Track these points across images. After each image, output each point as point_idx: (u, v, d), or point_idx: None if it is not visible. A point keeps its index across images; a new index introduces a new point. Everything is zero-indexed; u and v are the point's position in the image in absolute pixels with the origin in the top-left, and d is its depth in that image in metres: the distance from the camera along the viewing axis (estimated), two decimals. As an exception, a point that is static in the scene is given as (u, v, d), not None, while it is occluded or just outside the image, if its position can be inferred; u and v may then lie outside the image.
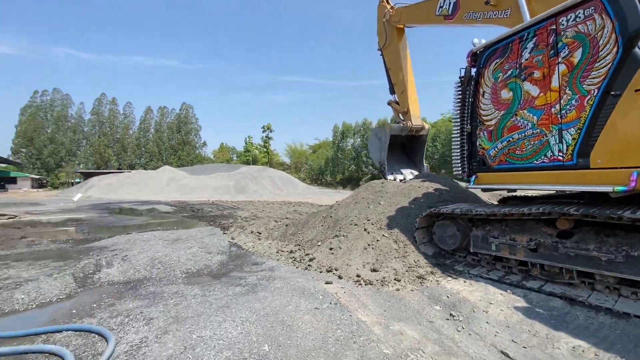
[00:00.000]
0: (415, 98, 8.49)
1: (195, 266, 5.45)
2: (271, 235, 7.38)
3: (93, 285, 4.68)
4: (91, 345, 2.95)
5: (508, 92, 4.18)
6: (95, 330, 3.14)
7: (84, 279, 4.86)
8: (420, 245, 5.06)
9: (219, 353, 2.74)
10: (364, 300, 3.76)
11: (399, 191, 6.40)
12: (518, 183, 4.16)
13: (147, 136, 64.42)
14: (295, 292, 4.02)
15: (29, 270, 5.15)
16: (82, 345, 2.96)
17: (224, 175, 40.70)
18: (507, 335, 2.97)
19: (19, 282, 4.51)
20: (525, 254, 3.92)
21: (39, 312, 3.83)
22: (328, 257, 5.14)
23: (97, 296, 4.24)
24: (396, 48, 8.55)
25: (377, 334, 3.03)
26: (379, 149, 8.62)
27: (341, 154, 45.90)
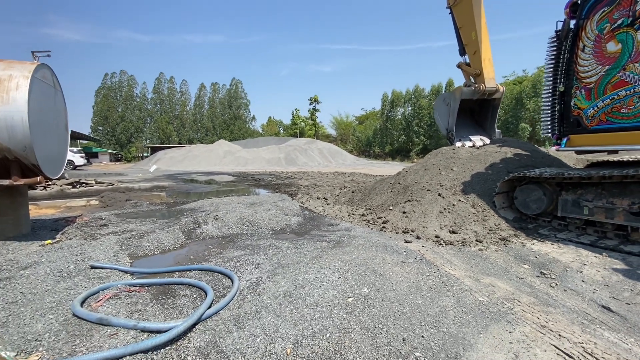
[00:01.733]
0: (489, 59, 7.93)
1: (278, 225, 6.04)
2: (338, 201, 7.76)
3: (197, 238, 5.46)
4: (218, 281, 3.57)
5: (616, 44, 3.81)
6: (220, 270, 3.77)
7: (188, 233, 5.68)
8: (499, 209, 5.03)
9: (326, 291, 3.17)
10: (448, 258, 3.95)
11: (473, 157, 6.28)
12: (622, 144, 3.88)
13: (202, 112, 68.23)
14: (377, 248, 4.34)
15: (144, 225, 6.15)
16: (211, 281, 3.59)
17: (275, 148, 42.20)
18: (607, 293, 2.99)
19: (141, 234, 5.44)
20: (625, 217, 3.75)
21: (164, 257, 4.65)
22: (402, 219, 5.35)
23: (204, 246, 4.98)
24: (469, 4, 7.93)
25: (469, 284, 3.24)
26: (447, 115, 8.34)
27: (390, 124, 44.47)
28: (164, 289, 3.45)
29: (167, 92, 66.39)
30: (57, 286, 3.37)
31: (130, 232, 5.55)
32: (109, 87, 61.60)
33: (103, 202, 8.27)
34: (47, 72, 5.27)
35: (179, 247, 5.04)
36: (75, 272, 3.76)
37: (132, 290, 3.32)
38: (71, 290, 3.29)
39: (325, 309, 2.85)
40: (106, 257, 4.31)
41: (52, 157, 5.44)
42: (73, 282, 3.48)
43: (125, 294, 3.24)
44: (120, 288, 3.33)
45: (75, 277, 3.63)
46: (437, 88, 40.35)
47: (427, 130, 40.28)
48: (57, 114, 5.69)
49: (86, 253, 4.40)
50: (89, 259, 4.17)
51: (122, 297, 3.16)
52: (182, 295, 3.27)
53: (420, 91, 42.05)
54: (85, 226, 6.12)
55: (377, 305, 2.90)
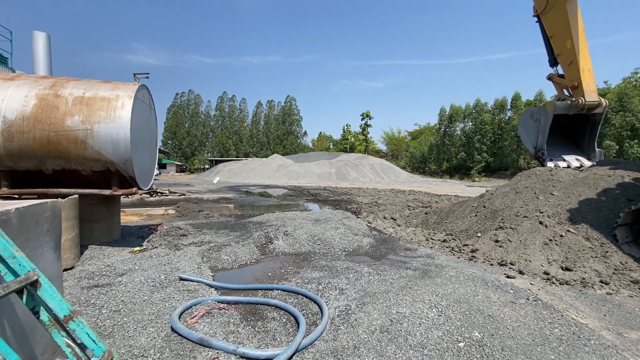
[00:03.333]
0: (589, 69, 7.00)
1: (350, 246, 5.79)
2: (410, 223, 7.30)
3: (270, 253, 5.43)
4: (304, 306, 3.39)
5: None
6: (305, 294, 3.60)
7: (262, 248, 5.69)
8: (622, 245, 4.21)
9: (429, 331, 2.79)
10: (570, 301, 3.33)
11: (578, 181, 5.44)
12: None
13: (258, 128, 72.08)
14: (475, 282, 3.84)
15: (219, 237, 6.32)
16: (297, 305, 3.42)
17: (326, 163, 42.64)
18: None
19: (218, 246, 5.57)
20: None
21: (243, 272, 4.64)
22: (495, 249, 4.76)
23: (279, 263, 4.90)
24: (562, 11, 7.15)
25: (611, 340, 2.63)
26: (536, 132, 7.47)
27: (448, 139, 42.34)
28: (251, 308, 3.37)
29: (228, 110, 71.56)
30: (152, 296, 3.47)
31: (208, 244, 5.72)
32: (178, 105, 68.30)
33: (179, 211, 8.81)
34: (145, 93, 5.78)
35: (255, 262, 5.03)
36: (166, 283, 3.87)
37: (222, 307, 3.29)
38: (166, 303, 3.35)
39: (435, 354, 2.49)
40: (191, 269, 4.42)
41: (145, 170, 5.89)
42: (166, 294, 3.57)
43: (216, 311, 3.20)
44: (211, 304, 3.31)
45: (167, 288, 3.72)
46: (501, 102, 37.67)
47: (490, 147, 37.53)
48: (151, 131, 6.19)
49: (173, 263, 4.56)
50: (176, 270, 4.30)
51: (214, 314, 3.12)
52: (270, 318, 3.14)
53: (482, 105, 39.58)
54: (166, 235, 6.48)
55: (497, 355, 2.47)
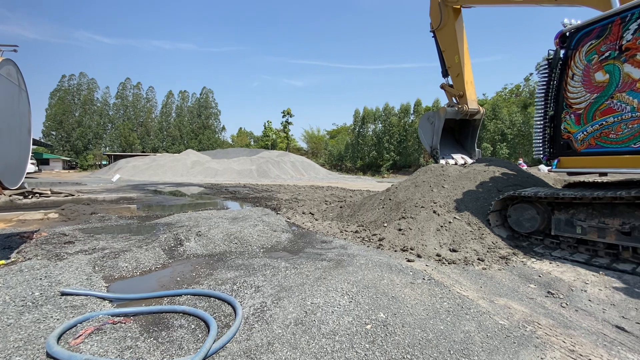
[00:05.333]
0: (471, 81, 8.33)
1: (269, 242, 5.71)
2: (327, 217, 7.58)
3: (180, 257, 4.99)
4: (217, 308, 3.22)
5: (604, 74, 4.10)
6: (217, 295, 3.40)
7: (170, 252, 5.19)
8: (494, 228, 5.13)
9: (341, 317, 2.94)
10: (456, 278, 3.90)
11: (462, 175, 6.42)
12: (610, 167, 4.13)
13: (168, 120, 65.57)
14: (382, 268, 4.19)
15: (117, 242, 5.53)
16: (208, 308, 3.22)
17: (246, 159, 41.37)
18: (616, 312, 3.05)
19: (115, 252, 4.87)
20: (616, 237, 3.94)
21: (146, 279, 4.16)
22: (398, 237, 5.27)
23: (191, 266, 4.54)
24: (452, 29, 8.35)
25: (485, 307, 3.17)
26: (432, 133, 8.57)
27: (362, 139, 45.47)
28: (155, 318, 3.03)
29: (132, 98, 63.26)
30: (21, 319, 2.84)
31: (102, 251, 4.95)
32: (65, 90, 57.49)
33: (64, 215, 7.42)
34: (12, 69, 4.68)
35: (161, 267, 4.56)
36: (42, 301, 3.22)
37: (117, 321, 2.88)
38: (40, 324, 2.78)
39: (345, 339, 2.63)
40: (77, 281, 3.76)
41: (12, 165, 4.77)
42: (41, 313, 2.96)
43: (109, 326, 2.78)
44: (103, 319, 2.86)
45: (43, 307, 3.09)
46: (406, 107, 42.10)
47: (396, 146, 41.63)
48: (21, 116, 5.04)
49: (52, 276, 3.81)
50: (57, 284, 3.61)
51: (106, 331, 2.71)
52: (177, 326, 2.88)
53: (390, 109, 43.60)
54: (46, 243, 5.39)
55: (398, 332, 2.73)
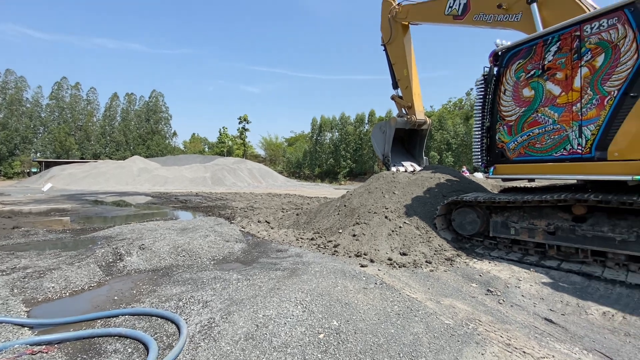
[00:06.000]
0: (418, 93, 8.85)
1: (220, 253, 5.45)
2: (283, 224, 7.46)
3: (120, 273, 4.56)
4: (158, 328, 2.96)
5: (530, 90, 4.59)
6: (159, 314, 3.13)
7: (108, 268, 4.72)
8: (440, 231, 5.42)
9: (293, 329, 2.87)
10: (406, 280, 4.03)
11: (411, 181, 6.74)
12: (537, 173, 4.61)
13: (112, 124, 60.65)
14: (336, 274, 4.19)
15: (43, 260, 4.90)
16: (149, 329, 2.96)
17: (200, 167, 39.58)
18: (544, 306, 3.36)
19: (40, 271, 4.31)
20: (543, 236, 4.38)
21: (77, 300, 3.72)
22: (353, 243, 5.35)
23: (131, 284, 4.17)
24: (401, 44, 8.83)
25: (432, 307, 3.30)
26: (383, 142, 8.91)
27: (319, 147, 46.03)
28: (85, 344, 2.71)
29: (70, 100, 57.53)
30: None
31: (24, 270, 4.35)
32: (-14, 88, 50.56)
33: (-24, 230, 6.40)
34: None
35: (96, 286, 4.11)
36: (-62, 334, 2.71)
37: (37, 351, 2.51)
38: None
39: (297, 350, 2.56)
40: (-12, 307, 3.24)
41: None
42: None
43: (27, 357, 2.42)
44: (19, 350, 2.48)
45: (-61, 342, 2.61)
46: (361, 117, 43.60)
47: (353, 154, 42.76)
48: None
49: (-45, 303, 3.25)
50: (-40, 312, 3.08)
51: (21, 363, 2.35)
52: (111, 351, 2.60)
53: (346, 118, 44.83)
54: (-51, 265, 4.59)
55: (351, 339, 2.72)
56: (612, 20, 3.77)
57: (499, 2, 6.05)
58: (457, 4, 6.95)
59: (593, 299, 3.44)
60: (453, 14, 7.07)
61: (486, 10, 6.36)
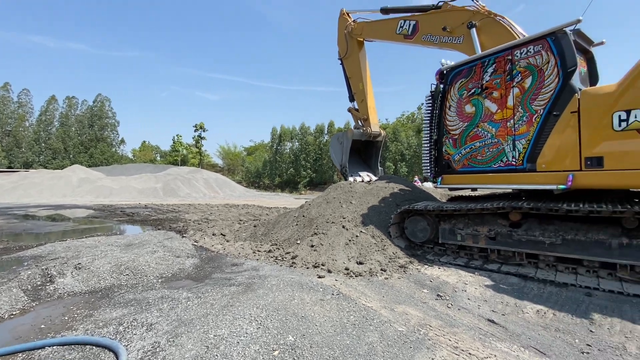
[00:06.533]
0: (373, 107, 9.20)
1: (169, 270, 5.11)
2: (239, 237, 7.21)
3: (50, 297, 4.07)
4: (94, 358, 2.67)
5: (471, 107, 5.00)
6: (95, 342, 2.82)
7: (35, 292, 4.19)
8: (394, 239, 5.61)
9: (247, 348, 2.75)
10: (362, 290, 4.08)
11: (367, 191, 6.93)
12: (479, 183, 4.99)
13: (49, 130, 54.92)
14: (293, 286, 4.12)
15: (-49, 286, 4.20)
16: (82, 359, 2.65)
17: (150, 177, 37.15)
18: (487, 307, 3.60)
19: (-55, 300, 3.69)
20: (485, 242, 4.72)
21: (-8, 331, 3.23)
22: (311, 253, 5.32)
23: (63, 309, 3.73)
24: (356, 59, 9.16)
25: (386, 315, 3.37)
26: (341, 153, 9.10)
27: (279, 157, 45.74)
28: (-3, 385, 2.34)
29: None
30: None
31: None
32: None
33: None
34: None
35: (20, 313, 3.63)
36: None
37: None
38: None
39: (250, 371, 2.45)
40: None
41: None
42: None
43: None
44: None
45: None
46: (320, 127, 44.25)
47: (313, 164, 43.08)
48: None
49: None
50: None
51: None
52: (32, 390, 2.27)
53: (306, 129, 45.20)
54: None
55: (306, 354, 2.67)
56: (537, 47, 4.27)
57: (443, 25, 6.56)
58: (407, 25, 7.40)
59: (528, 298, 3.75)
60: (404, 33, 7.51)
61: (433, 32, 6.84)
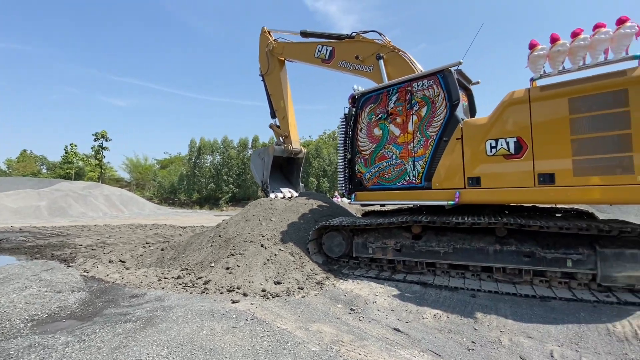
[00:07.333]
0: (294, 124, 9.38)
1: (45, 310, 4.19)
2: (143, 263, 6.38)
3: None
4: None
5: (379, 130, 5.49)
6: None
7: None
8: (312, 255, 5.67)
9: (140, 396, 2.40)
10: (278, 311, 3.97)
11: (287, 208, 6.91)
12: (386, 199, 5.45)
13: None
14: (203, 316, 3.79)
15: None
16: None
17: (31, 193, 30.82)
18: (394, 316, 3.86)
19: None
20: (392, 254, 5.13)
21: None
22: (226, 277, 5.01)
23: None
24: (277, 77, 9.29)
25: (300, 336, 3.33)
26: (262, 169, 8.97)
27: (198, 171, 42.86)
28: None
29: None
30: None
31: None
32: None
33: None
34: None
35: None
36: None
37: None
38: None
39: (141, 423, 2.11)
40: None
41: None
42: None
43: None
44: None
45: None
46: (244, 141, 43.20)
47: (235, 179, 41.53)
48: None
49: None
50: None
51: None
52: None
53: (229, 142, 43.58)
54: None
55: (212, 392, 2.44)
56: (430, 82, 4.97)
57: (356, 54, 7.15)
58: (325, 50, 7.85)
59: (427, 303, 4.16)
60: (322, 57, 7.94)
61: (347, 59, 7.40)
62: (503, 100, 4.38)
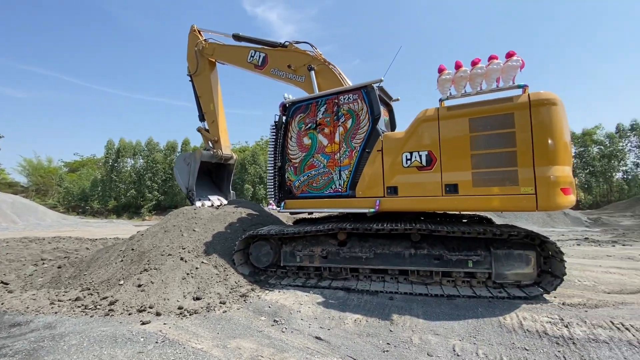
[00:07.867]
0: (225, 128, 8.99)
1: None
2: (33, 284, 5.38)
3: None
4: None
5: (308, 139, 5.58)
6: None
7: None
8: (238, 266, 5.44)
9: None
10: (194, 330, 3.69)
11: (213, 217, 6.53)
12: (315, 207, 5.53)
13: None
14: (103, 343, 3.33)
15: None
16: None
17: None
18: (317, 325, 3.88)
19: None
20: (319, 261, 5.20)
21: None
22: (137, 295, 4.50)
23: None
24: (207, 78, 8.84)
25: (217, 355, 3.14)
26: (187, 175, 8.36)
27: (116, 175, 38.32)
28: None
29: None
30: None
31: None
32: None
33: None
34: None
35: None
36: None
37: None
38: None
39: None
40: None
41: None
42: None
43: None
44: None
45: None
46: (172, 144, 40.10)
47: (161, 185, 38.18)
48: None
49: None
50: None
51: None
52: None
53: (154, 144, 39.99)
54: None
55: None
56: (355, 96, 5.23)
57: (289, 63, 7.20)
58: (258, 56, 7.74)
59: (349, 309, 4.29)
60: (254, 63, 7.80)
61: (280, 67, 7.39)
62: (417, 117, 4.82)
